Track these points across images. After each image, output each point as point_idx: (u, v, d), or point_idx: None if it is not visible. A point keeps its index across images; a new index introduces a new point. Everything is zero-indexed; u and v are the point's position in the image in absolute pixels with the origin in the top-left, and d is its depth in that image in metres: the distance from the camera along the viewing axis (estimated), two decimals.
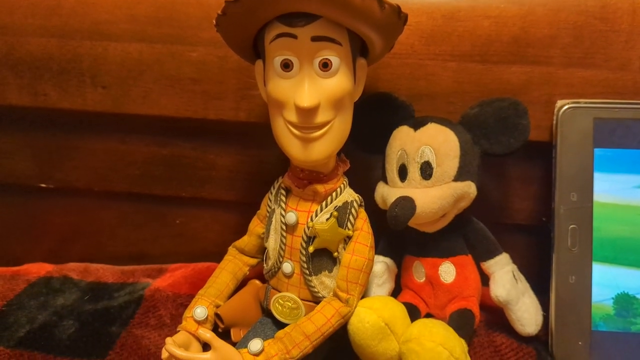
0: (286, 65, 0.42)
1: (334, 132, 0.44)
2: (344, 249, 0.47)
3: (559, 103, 0.52)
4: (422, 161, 0.49)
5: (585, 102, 0.51)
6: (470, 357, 0.46)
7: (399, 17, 0.43)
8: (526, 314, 0.49)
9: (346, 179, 0.49)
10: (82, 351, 0.49)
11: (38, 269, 0.62)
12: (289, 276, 0.48)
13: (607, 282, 0.49)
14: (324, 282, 0.47)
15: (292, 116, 0.43)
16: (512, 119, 0.50)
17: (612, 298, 0.49)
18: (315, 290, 0.47)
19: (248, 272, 0.54)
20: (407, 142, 0.50)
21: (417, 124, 0.51)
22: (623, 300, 0.49)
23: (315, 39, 0.42)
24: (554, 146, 0.51)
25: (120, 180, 0.63)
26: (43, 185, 0.65)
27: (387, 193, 0.50)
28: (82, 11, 0.58)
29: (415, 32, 0.54)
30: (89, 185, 0.64)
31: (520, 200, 0.58)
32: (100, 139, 0.62)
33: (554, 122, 0.52)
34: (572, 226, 0.50)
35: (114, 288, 0.58)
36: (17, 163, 0.64)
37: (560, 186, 0.50)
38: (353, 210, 0.47)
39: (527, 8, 0.54)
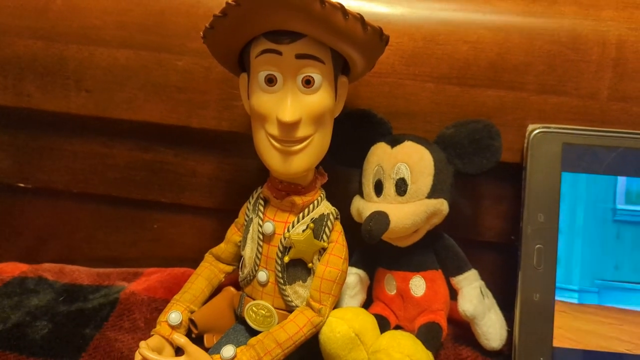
0: (270, 80, 0.44)
1: (314, 147, 0.46)
2: (319, 260, 0.48)
3: (530, 127, 0.54)
4: (398, 178, 0.51)
5: (555, 128, 0.53)
6: None
7: (381, 38, 0.45)
8: (491, 329, 0.51)
9: (323, 192, 0.50)
10: (54, 352, 0.49)
11: (12, 269, 0.62)
12: (263, 285, 0.49)
13: None
14: (298, 291, 0.48)
15: (273, 129, 0.44)
16: (485, 140, 0.52)
17: None
18: (289, 299, 0.48)
19: (223, 279, 0.55)
20: (384, 159, 0.52)
21: (394, 141, 0.52)
22: None
23: (299, 56, 0.43)
24: (524, 168, 0.53)
25: (100, 183, 0.64)
26: (21, 184, 0.65)
27: (363, 207, 0.52)
28: (71, 15, 0.59)
29: (396, 53, 0.56)
30: (69, 187, 0.64)
31: (491, 218, 0.60)
32: (82, 142, 0.63)
33: (525, 145, 0.54)
34: (538, 246, 0.52)
35: (89, 290, 0.59)
36: None
37: (528, 207, 0.52)
38: (329, 223, 0.48)
39: (504, 35, 0.56)
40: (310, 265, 0.48)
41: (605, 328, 0.51)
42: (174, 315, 0.48)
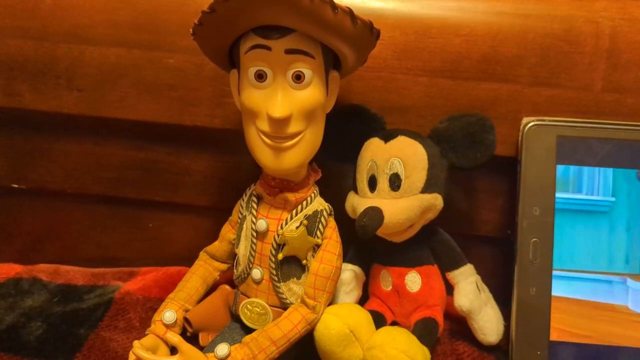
0: (260, 76, 0.44)
1: (305, 143, 0.45)
2: (313, 257, 0.48)
3: (525, 120, 0.53)
4: (391, 173, 0.50)
5: (550, 120, 0.53)
6: None
7: (371, 32, 0.44)
8: (488, 323, 0.51)
9: (317, 188, 0.50)
10: (49, 353, 0.49)
11: (7, 270, 0.62)
12: (258, 282, 0.48)
13: None
14: (292, 289, 0.48)
15: (264, 126, 0.44)
16: (479, 134, 0.51)
17: None
18: (284, 296, 0.48)
19: (218, 277, 0.55)
20: (377, 154, 0.51)
21: (387, 136, 0.52)
22: None
23: (288, 51, 0.43)
24: (519, 161, 0.53)
25: (94, 183, 0.63)
26: (15, 185, 0.65)
27: (357, 203, 0.52)
28: (61, 14, 0.59)
29: (388, 47, 0.56)
30: (63, 187, 0.64)
31: (486, 212, 0.60)
32: (75, 142, 0.62)
33: (519, 138, 0.54)
34: (533, 239, 0.52)
35: (84, 290, 0.59)
36: None
37: (523, 200, 0.52)
38: (322, 219, 0.48)
39: (496, 28, 0.55)
40: (304, 262, 0.47)
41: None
42: (168, 314, 0.48)
